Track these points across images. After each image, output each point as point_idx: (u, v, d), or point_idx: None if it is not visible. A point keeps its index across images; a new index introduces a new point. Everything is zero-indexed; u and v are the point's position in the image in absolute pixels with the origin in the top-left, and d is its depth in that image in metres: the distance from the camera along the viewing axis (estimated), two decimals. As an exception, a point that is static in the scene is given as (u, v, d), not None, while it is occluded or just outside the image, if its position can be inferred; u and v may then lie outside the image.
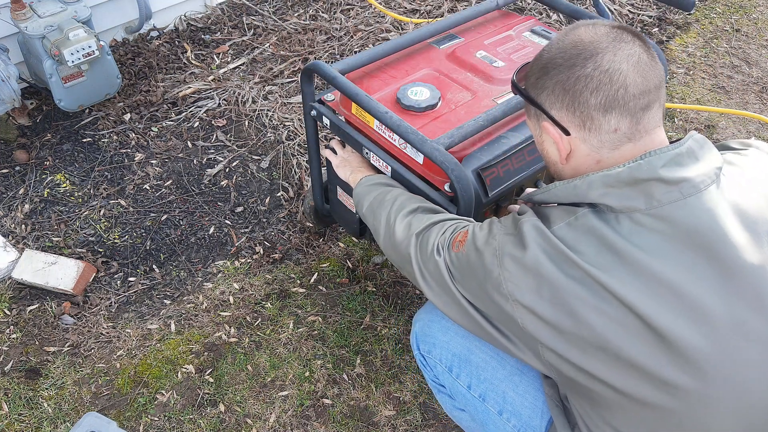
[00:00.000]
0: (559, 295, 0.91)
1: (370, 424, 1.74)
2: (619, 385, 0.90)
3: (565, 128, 0.97)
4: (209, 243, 2.20)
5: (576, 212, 0.95)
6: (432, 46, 1.77)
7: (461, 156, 1.43)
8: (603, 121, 0.94)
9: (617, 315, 0.88)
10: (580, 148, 0.98)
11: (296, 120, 2.58)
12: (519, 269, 0.95)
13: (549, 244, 0.93)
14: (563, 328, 0.91)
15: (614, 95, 0.92)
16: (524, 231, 0.96)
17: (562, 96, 0.95)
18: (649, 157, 0.91)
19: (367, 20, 3.14)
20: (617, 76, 0.92)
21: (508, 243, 0.98)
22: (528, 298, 0.94)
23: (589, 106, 0.93)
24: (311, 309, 2.01)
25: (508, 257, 0.96)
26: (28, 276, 2.00)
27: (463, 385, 1.29)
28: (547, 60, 0.98)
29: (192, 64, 2.88)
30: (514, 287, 0.95)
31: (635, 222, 0.90)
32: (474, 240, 1.05)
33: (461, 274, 1.06)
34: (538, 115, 1.01)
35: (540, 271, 0.92)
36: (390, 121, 1.41)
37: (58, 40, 2.27)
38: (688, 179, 0.89)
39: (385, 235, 1.30)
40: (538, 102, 0.99)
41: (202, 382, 1.82)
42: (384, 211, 1.33)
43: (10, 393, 1.78)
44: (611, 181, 0.92)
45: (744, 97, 2.95)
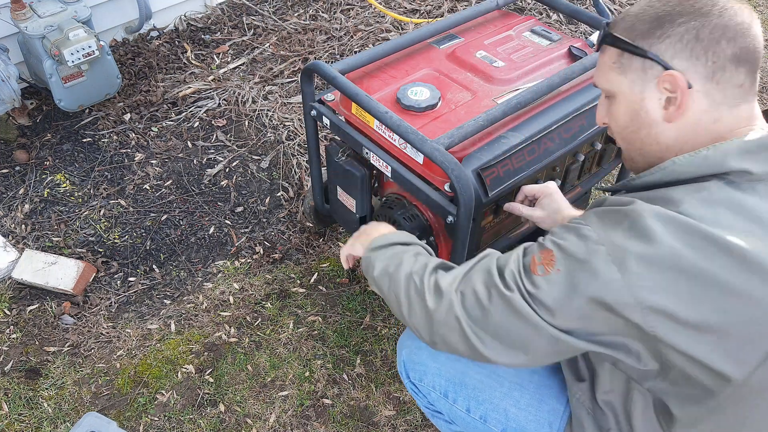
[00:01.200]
0: (704, 286, 0.81)
1: (370, 424, 1.74)
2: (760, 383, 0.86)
3: (688, 80, 0.90)
4: (209, 243, 2.20)
5: (706, 187, 0.87)
6: (432, 46, 1.77)
7: (461, 156, 1.43)
8: (734, 74, 0.89)
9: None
10: (699, 104, 0.91)
11: (296, 120, 2.59)
12: (650, 268, 0.82)
13: (684, 229, 0.82)
14: (708, 325, 0.82)
15: (747, 47, 0.89)
16: (646, 222, 0.84)
17: (693, 44, 0.88)
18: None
19: (367, 20, 3.14)
20: (750, 30, 0.89)
21: (628, 241, 0.84)
22: (664, 300, 0.82)
23: (725, 56, 0.88)
24: (311, 309, 2.01)
25: (633, 257, 0.83)
26: (28, 276, 2.00)
27: (462, 409, 1.25)
28: (665, 9, 0.91)
29: (192, 64, 2.88)
30: (646, 290, 0.82)
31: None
32: (568, 251, 0.89)
33: (557, 301, 0.89)
34: (645, 69, 0.92)
35: (679, 263, 0.81)
36: (390, 121, 1.41)
37: (58, 40, 2.27)
38: None
39: (408, 303, 1.06)
40: (652, 53, 0.91)
41: (202, 382, 1.82)
42: (402, 273, 1.09)
43: (10, 393, 1.78)
44: (752, 147, 0.88)
45: (744, 97, 2.95)
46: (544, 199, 1.45)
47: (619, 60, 0.96)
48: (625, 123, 0.99)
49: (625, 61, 0.95)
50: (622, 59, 0.95)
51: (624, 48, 0.94)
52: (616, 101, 0.99)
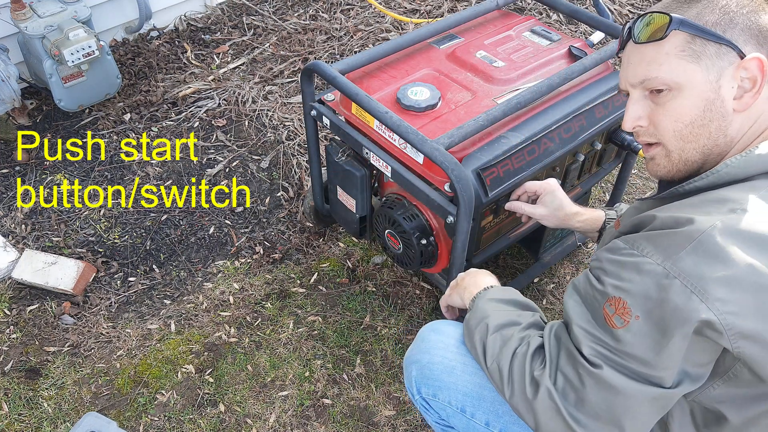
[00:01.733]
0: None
1: (370, 424, 1.74)
2: None
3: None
4: (209, 243, 2.20)
5: (759, 186, 0.84)
6: (432, 46, 1.77)
7: (461, 156, 1.43)
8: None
9: None
10: (766, 92, 0.89)
11: (296, 120, 2.59)
12: (733, 291, 0.78)
13: (757, 241, 0.79)
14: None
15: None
16: (716, 241, 0.79)
17: (758, 33, 0.88)
18: None
19: (367, 20, 3.14)
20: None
21: (701, 267, 0.79)
22: (753, 324, 0.79)
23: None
24: (311, 309, 2.01)
25: (713, 283, 0.78)
26: (28, 276, 2.00)
27: (481, 423, 1.19)
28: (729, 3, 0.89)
29: (192, 64, 2.88)
30: (732, 316, 0.78)
31: None
32: (639, 295, 0.83)
33: (646, 349, 0.84)
34: (720, 55, 0.88)
35: (760, 279, 0.78)
36: (390, 121, 1.41)
37: (58, 40, 2.28)
38: None
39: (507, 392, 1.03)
40: (727, 39, 0.87)
41: (202, 382, 1.82)
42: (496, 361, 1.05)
43: (10, 393, 1.78)
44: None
45: (744, 97, 2.95)
46: (546, 196, 1.45)
47: (689, 47, 0.89)
48: (692, 117, 0.91)
49: (698, 48, 0.88)
50: (693, 45, 0.88)
51: (697, 33, 0.88)
52: (681, 94, 0.90)
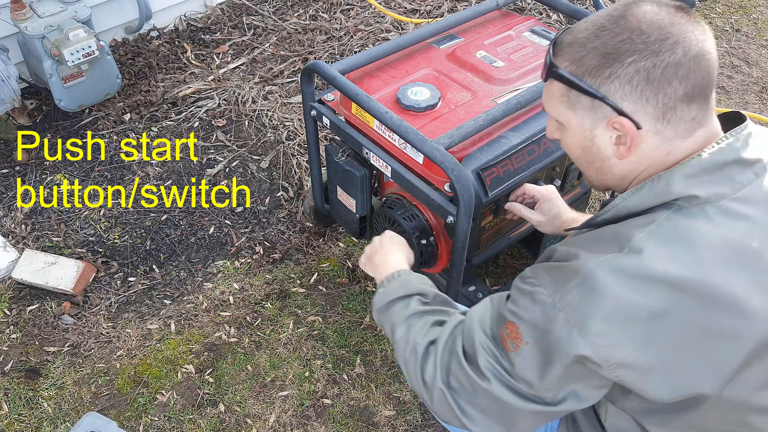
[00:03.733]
0: (661, 327, 0.82)
1: (370, 424, 1.74)
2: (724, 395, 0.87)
3: (638, 122, 0.86)
4: (209, 243, 2.20)
5: (654, 218, 0.86)
6: (432, 46, 1.77)
7: (461, 156, 1.43)
8: (685, 111, 0.86)
9: (726, 325, 0.83)
10: (649, 141, 0.88)
11: (296, 120, 2.59)
12: (607, 326, 0.83)
13: (631, 276, 0.83)
14: (668, 362, 0.83)
15: (701, 82, 0.85)
16: (596, 280, 0.83)
17: (643, 86, 0.84)
18: (728, 140, 0.87)
19: (367, 20, 3.14)
20: (704, 62, 0.84)
21: (581, 303, 0.84)
22: (625, 354, 0.83)
23: (676, 97, 0.84)
24: (311, 309, 2.01)
25: (590, 318, 0.83)
26: (28, 276, 2.00)
27: None
28: (613, 44, 0.85)
29: (192, 64, 2.88)
30: (608, 349, 0.83)
31: (723, 210, 0.85)
32: (529, 322, 0.89)
33: (534, 373, 0.90)
34: (595, 108, 0.89)
35: (631, 314, 0.82)
36: (390, 121, 1.41)
37: (58, 40, 2.27)
38: (760, 159, 0.88)
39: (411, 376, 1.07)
40: (601, 94, 0.87)
41: (202, 382, 1.82)
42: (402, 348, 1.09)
43: (10, 393, 1.78)
44: (695, 171, 0.86)
45: (744, 97, 2.95)
46: (544, 204, 1.46)
47: (567, 95, 0.91)
48: (577, 154, 0.97)
49: (574, 97, 0.90)
50: (570, 94, 0.91)
51: (572, 85, 0.89)
52: (566, 132, 0.96)
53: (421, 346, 1.04)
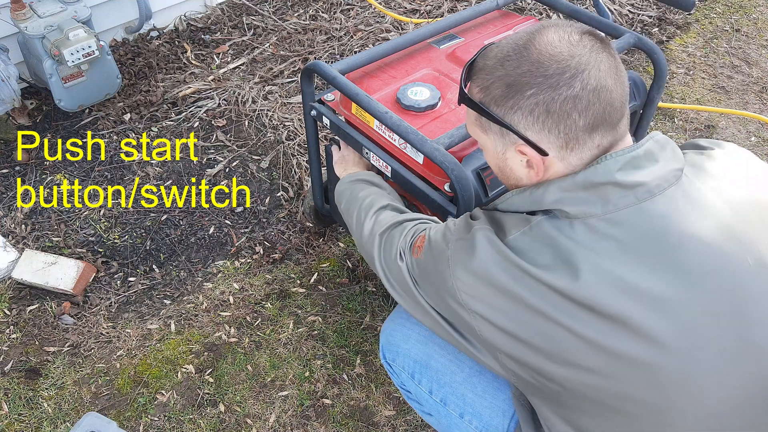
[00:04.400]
0: (512, 304, 0.90)
1: (370, 424, 1.74)
2: (576, 389, 0.89)
3: (543, 150, 0.90)
4: (209, 243, 2.20)
5: (531, 221, 0.92)
6: (432, 46, 1.77)
7: (461, 156, 1.43)
8: (588, 140, 0.89)
9: (568, 319, 0.86)
10: (556, 166, 0.92)
11: (296, 120, 2.58)
12: (471, 279, 0.93)
13: (501, 254, 0.91)
14: (519, 336, 0.90)
15: (602, 113, 0.87)
16: (476, 240, 0.94)
17: (544, 118, 0.88)
18: (606, 161, 0.89)
19: (367, 20, 3.14)
20: (604, 93, 0.87)
21: (461, 251, 0.96)
22: (482, 307, 0.93)
23: (576, 128, 0.88)
24: (311, 309, 2.01)
25: (461, 267, 0.95)
26: (28, 276, 2.00)
27: (425, 390, 1.29)
28: (515, 75, 0.89)
29: (192, 64, 2.88)
30: (468, 297, 0.94)
31: (590, 228, 0.87)
32: (430, 247, 1.03)
33: (422, 279, 1.05)
34: (503, 134, 0.94)
35: (492, 281, 0.91)
36: (390, 120, 1.41)
37: (58, 40, 2.27)
38: (644, 183, 0.87)
39: (356, 233, 1.31)
40: (507, 123, 0.91)
41: (202, 382, 1.82)
42: (355, 207, 1.34)
43: (10, 393, 1.78)
44: (567, 186, 0.90)
45: (744, 97, 2.95)
46: None
47: (479, 119, 0.96)
48: (496, 172, 1.04)
49: (485, 123, 0.96)
50: (481, 120, 0.96)
51: (480, 113, 0.94)
52: (484, 150, 1.02)
53: (375, 207, 1.28)
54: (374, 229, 1.23)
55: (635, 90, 1.65)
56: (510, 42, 0.92)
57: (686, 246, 0.86)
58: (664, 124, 2.78)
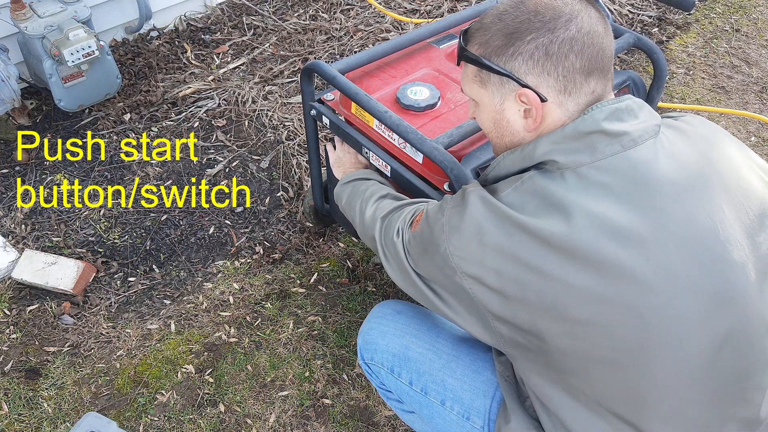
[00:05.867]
0: (503, 261, 0.92)
1: (370, 424, 1.74)
2: (567, 345, 0.91)
3: (542, 95, 0.95)
4: (209, 243, 2.20)
5: (522, 177, 0.96)
6: (432, 46, 1.77)
7: (460, 155, 1.43)
8: (584, 84, 0.95)
9: (560, 271, 0.88)
10: (553, 114, 0.97)
11: (296, 120, 2.59)
12: (463, 240, 0.96)
13: (491, 209, 0.94)
14: (510, 294, 0.92)
15: (596, 57, 0.94)
16: (469, 201, 0.97)
17: (543, 61, 0.93)
18: (592, 111, 0.94)
19: (367, 20, 3.14)
20: (597, 38, 0.94)
21: (454, 215, 0.99)
22: (474, 269, 0.95)
23: (574, 70, 0.93)
24: (311, 309, 2.01)
25: (454, 230, 0.98)
26: (28, 276, 2.00)
27: (405, 383, 1.30)
28: (514, 25, 0.95)
29: (192, 64, 2.88)
30: (460, 259, 0.96)
31: (580, 176, 0.92)
32: (427, 218, 1.06)
33: (416, 252, 1.08)
34: (503, 83, 0.98)
35: (484, 240, 0.93)
36: (389, 120, 1.41)
37: (58, 40, 2.28)
38: (628, 132, 0.93)
39: (359, 222, 1.36)
40: (507, 70, 0.96)
41: (202, 382, 1.82)
42: (357, 200, 1.39)
43: (10, 393, 1.78)
44: (557, 138, 0.94)
45: (744, 97, 2.95)
46: None
47: (478, 74, 1.01)
48: (489, 128, 1.06)
49: (484, 76, 1.00)
50: (481, 74, 1.00)
51: (480, 65, 0.99)
52: (480, 108, 1.05)
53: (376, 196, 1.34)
54: (376, 214, 1.28)
55: (635, 90, 1.65)
56: (506, 2, 0.99)
57: (666, 191, 0.91)
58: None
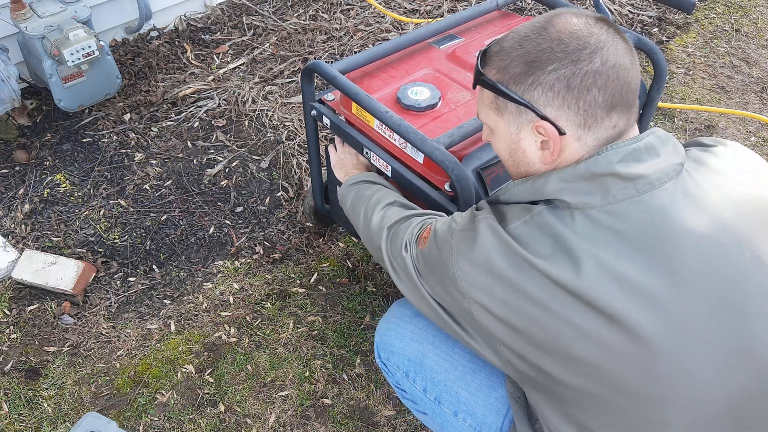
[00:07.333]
0: (511, 293, 0.90)
1: (370, 424, 1.74)
2: (572, 382, 0.89)
3: (561, 128, 0.91)
4: (209, 243, 2.20)
5: (532, 210, 0.93)
6: (432, 46, 1.77)
7: (461, 155, 1.43)
8: (605, 119, 0.90)
9: (567, 311, 0.86)
10: (571, 147, 0.93)
11: (296, 120, 2.58)
12: (472, 267, 0.94)
13: (502, 243, 0.92)
14: (516, 326, 0.91)
15: (620, 91, 0.89)
16: (479, 229, 0.95)
17: (564, 93, 0.89)
18: (606, 152, 0.90)
19: (367, 20, 3.14)
20: (623, 72, 0.89)
21: (464, 241, 0.97)
22: (481, 296, 0.93)
23: (596, 104, 0.89)
24: (311, 309, 2.01)
25: (463, 256, 0.96)
26: (28, 276, 2.00)
27: (420, 389, 1.29)
28: (536, 52, 0.90)
29: (192, 64, 2.88)
30: (468, 285, 0.95)
31: (589, 218, 0.88)
32: (435, 237, 1.05)
33: (425, 270, 1.06)
34: (520, 113, 0.94)
35: (493, 270, 0.92)
36: (390, 120, 1.41)
37: (58, 40, 2.27)
38: (644, 176, 0.88)
39: (363, 228, 1.34)
40: (525, 101, 0.92)
41: (202, 382, 1.82)
42: (362, 205, 1.36)
43: (10, 393, 1.78)
44: (568, 176, 0.91)
45: (744, 97, 2.95)
46: None
47: (495, 101, 0.97)
48: (504, 157, 1.03)
49: (501, 104, 0.96)
50: (498, 101, 0.96)
51: (497, 92, 0.95)
52: (495, 135, 1.02)
53: (383, 203, 1.31)
54: (383, 223, 1.25)
55: (635, 90, 1.65)
56: (527, 25, 0.94)
57: (684, 241, 0.86)
58: (664, 124, 2.78)
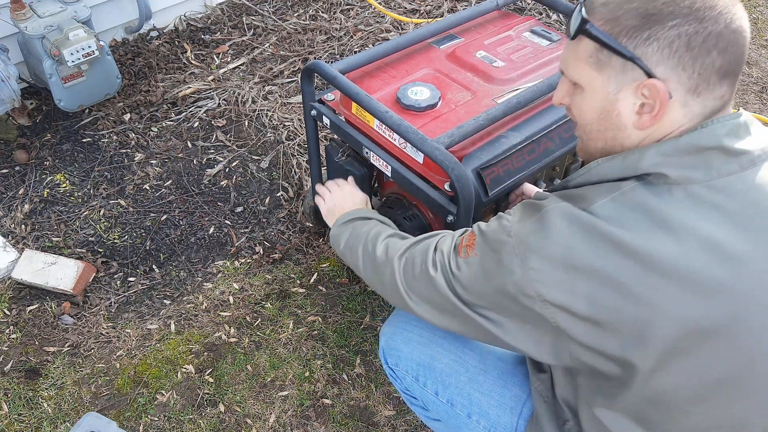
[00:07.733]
0: (598, 285, 0.82)
1: (370, 424, 1.74)
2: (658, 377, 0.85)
3: (669, 90, 0.83)
4: (209, 243, 2.20)
5: (621, 186, 0.85)
6: (432, 46, 1.77)
7: (461, 155, 1.43)
8: (717, 87, 0.83)
9: (666, 297, 0.80)
10: (674, 114, 0.85)
11: (296, 120, 2.59)
12: (547, 266, 0.85)
13: (584, 227, 0.83)
14: (602, 322, 0.83)
15: (736, 59, 0.82)
16: (549, 220, 0.86)
17: (683, 52, 0.81)
18: (712, 124, 0.84)
19: (367, 20, 3.14)
20: (742, 38, 0.83)
21: (529, 236, 0.87)
22: (561, 298, 0.84)
23: (713, 69, 0.82)
24: (311, 309, 2.01)
25: (533, 254, 0.86)
26: (28, 276, 2.00)
27: (431, 392, 1.28)
28: (655, 7, 0.81)
29: (192, 64, 2.88)
30: (543, 287, 0.85)
31: (691, 194, 0.82)
32: (485, 240, 0.95)
33: (473, 281, 0.95)
34: (625, 70, 0.85)
35: (574, 262, 0.83)
36: (390, 120, 1.41)
37: (58, 40, 2.27)
38: (748, 152, 0.84)
39: (365, 266, 1.23)
40: (636, 56, 0.83)
41: (202, 382, 1.82)
42: (360, 243, 1.27)
43: (10, 393, 1.78)
44: (669, 150, 0.84)
45: (744, 97, 2.95)
46: None
47: (596, 54, 0.87)
48: (590, 119, 0.93)
49: (604, 58, 0.86)
50: (600, 55, 0.87)
51: (604, 45, 0.85)
52: (584, 94, 0.92)
53: (383, 236, 1.22)
54: (389, 254, 1.15)
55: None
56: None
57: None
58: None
